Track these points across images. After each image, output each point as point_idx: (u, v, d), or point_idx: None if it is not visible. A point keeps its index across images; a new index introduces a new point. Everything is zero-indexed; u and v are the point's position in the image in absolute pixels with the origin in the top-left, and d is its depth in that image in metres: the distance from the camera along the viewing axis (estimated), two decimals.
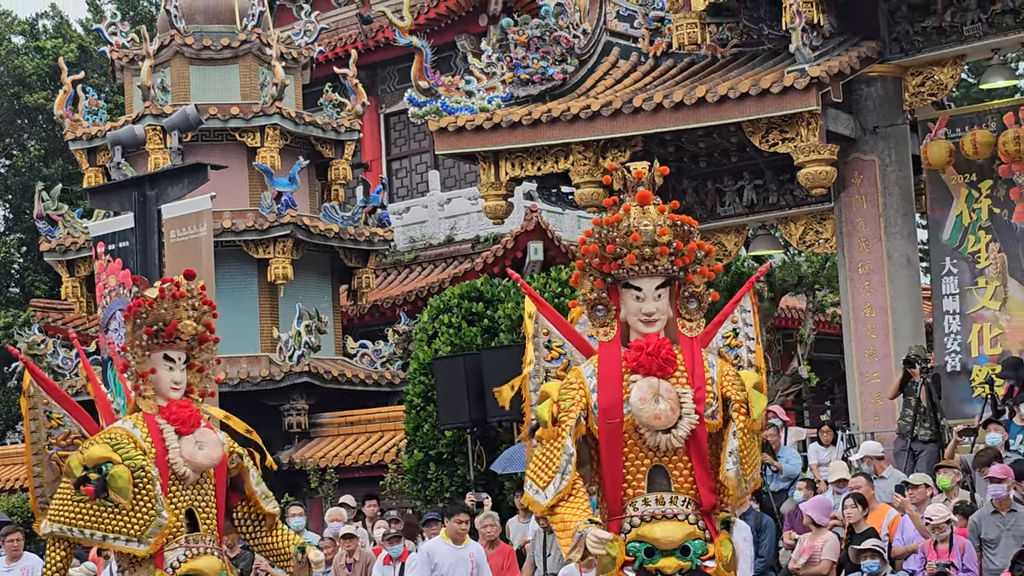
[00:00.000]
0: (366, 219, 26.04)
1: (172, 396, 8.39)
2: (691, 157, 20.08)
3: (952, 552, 12.44)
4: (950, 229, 18.55)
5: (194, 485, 8.34)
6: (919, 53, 18.23)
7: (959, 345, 18.37)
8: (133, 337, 8.40)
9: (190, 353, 8.50)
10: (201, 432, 8.36)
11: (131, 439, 8.20)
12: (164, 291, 8.38)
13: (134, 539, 8.09)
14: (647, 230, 7.29)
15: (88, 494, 8.14)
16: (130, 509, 8.07)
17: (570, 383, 7.33)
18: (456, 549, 12.62)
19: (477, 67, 19.95)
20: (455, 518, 12.71)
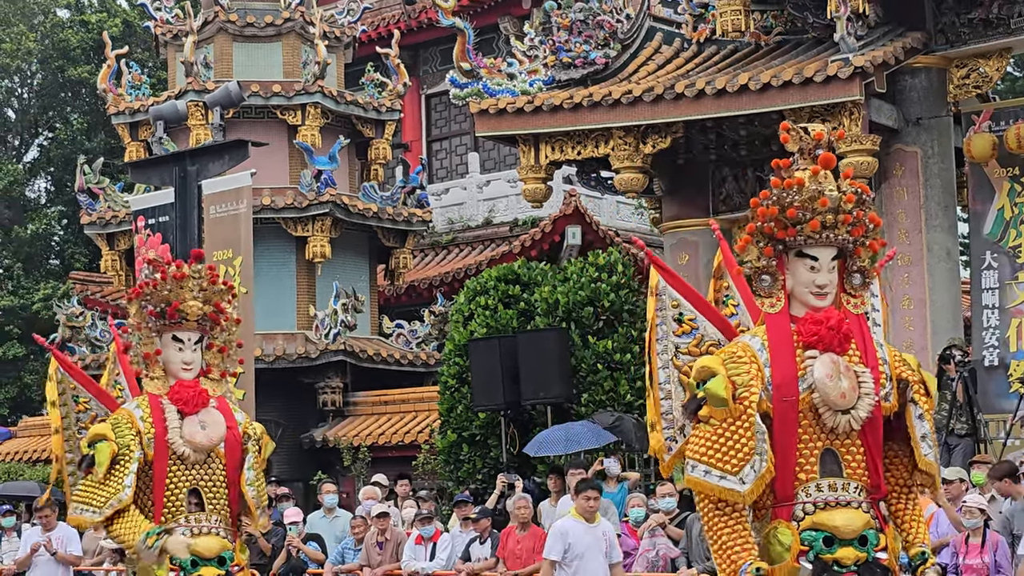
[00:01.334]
0: (405, 199, 26.06)
1: (183, 376, 8.40)
2: (732, 145, 20.01)
3: (985, 547, 12.40)
4: (991, 223, 18.45)
5: (199, 465, 8.33)
6: (965, 45, 18.11)
7: (997, 340, 18.27)
8: (139, 319, 8.44)
9: (207, 333, 8.50)
10: (206, 412, 8.37)
11: (130, 420, 8.27)
12: (166, 272, 8.39)
13: (93, 510, 8.20)
14: (833, 195, 6.71)
15: (85, 473, 8.32)
16: (100, 481, 8.16)
17: (739, 356, 6.70)
18: (590, 527, 12.02)
19: (519, 50, 19.93)
20: (584, 495, 12.02)
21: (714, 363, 6.68)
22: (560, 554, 11.81)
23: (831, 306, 6.74)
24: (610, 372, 18.71)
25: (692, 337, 7.22)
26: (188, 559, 8.12)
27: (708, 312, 7.28)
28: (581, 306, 18.91)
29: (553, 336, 18.59)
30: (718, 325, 7.22)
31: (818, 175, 6.76)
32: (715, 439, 6.60)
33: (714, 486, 6.59)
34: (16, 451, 28.53)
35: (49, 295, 32.69)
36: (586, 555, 11.80)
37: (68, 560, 16.10)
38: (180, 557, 8.10)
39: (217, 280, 8.52)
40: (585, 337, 18.87)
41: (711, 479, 6.59)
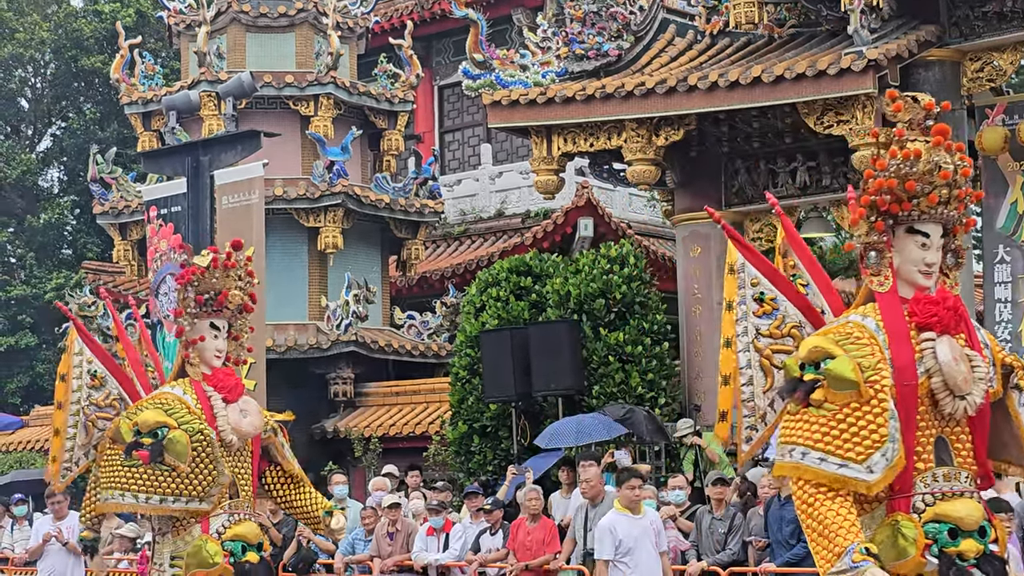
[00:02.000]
0: (417, 191, 26.06)
1: (215, 364, 8.50)
2: (744, 137, 19.98)
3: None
4: (1004, 216, 18.41)
5: (235, 453, 8.42)
6: (979, 38, 18.06)
7: (1010, 334, 18.23)
8: (183, 304, 8.48)
9: (231, 322, 8.62)
10: (244, 400, 8.50)
11: (183, 404, 8.25)
12: (217, 260, 8.50)
13: (195, 499, 8.14)
14: (951, 168, 6.46)
15: (142, 459, 8.12)
16: (190, 472, 8.09)
17: (857, 337, 6.34)
18: (637, 519, 11.60)
19: (532, 41, 19.92)
20: (627, 484, 11.51)
21: (828, 343, 6.29)
22: (611, 552, 11.31)
23: (939, 286, 6.43)
24: (621, 364, 18.71)
25: (773, 318, 6.91)
26: (239, 544, 8.27)
27: (790, 292, 6.97)
28: (593, 298, 18.90)
29: (564, 328, 18.59)
30: (799, 305, 6.94)
31: (936, 147, 6.50)
32: (835, 424, 6.14)
33: (832, 474, 6.12)
34: (28, 440, 28.60)
35: (61, 285, 32.75)
36: (636, 548, 11.34)
37: (79, 549, 16.14)
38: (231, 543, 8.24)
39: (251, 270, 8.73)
40: (596, 329, 18.87)
41: (828, 467, 6.11)
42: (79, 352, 9.02)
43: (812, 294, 6.98)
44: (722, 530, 13.75)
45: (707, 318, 20.14)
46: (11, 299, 33.78)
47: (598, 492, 14.37)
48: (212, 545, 8.23)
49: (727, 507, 14.01)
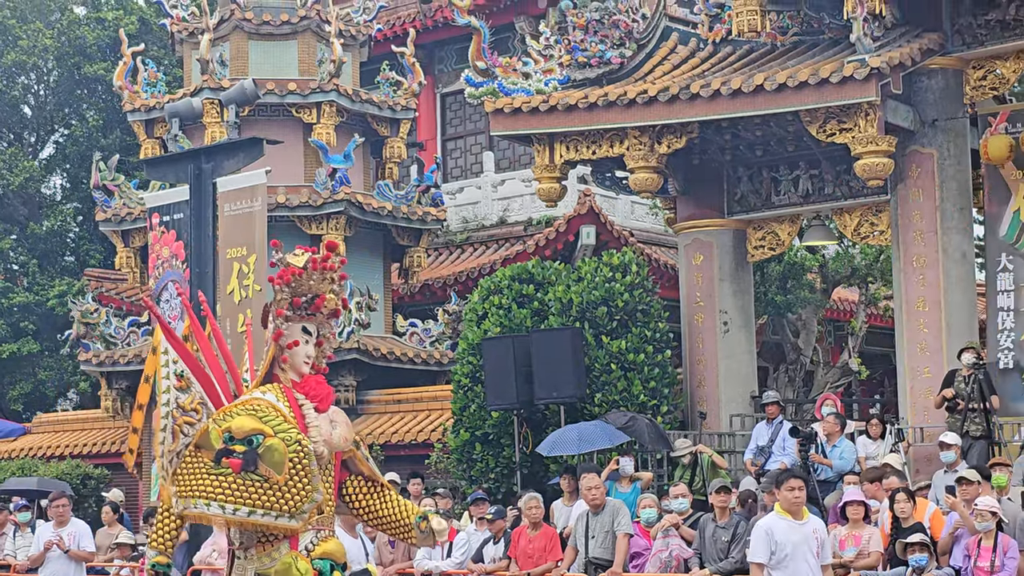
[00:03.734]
0: (419, 198, 26.06)
1: (304, 370, 8.11)
2: (747, 145, 19.98)
3: (996, 550, 12.39)
4: (1007, 225, 18.41)
5: (324, 465, 7.95)
6: (982, 46, 18.06)
7: (1012, 342, 18.22)
8: (277, 307, 8.08)
9: (319, 327, 8.24)
10: (334, 411, 8.11)
11: (278, 412, 7.77)
12: (315, 262, 8.11)
13: (285, 514, 7.60)
14: None
15: (233, 467, 7.61)
16: (284, 484, 7.57)
17: None
18: (798, 525, 10.48)
19: (535, 49, 19.92)
20: (787, 485, 10.51)
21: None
22: (766, 556, 10.43)
23: None
24: (623, 372, 18.69)
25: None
26: (327, 563, 7.89)
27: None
28: (595, 306, 18.89)
29: (567, 336, 18.57)
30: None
31: None
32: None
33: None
34: (31, 447, 28.59)
35: (64, 292, 32.73)
36: (795, 555, 10.36)
37: (81, 556, 16.13)
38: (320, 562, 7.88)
39: (344, 275, 8.35)
40: (599, 337, 18.86)
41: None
42: (165, 351, 8.66)
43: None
44: (725, 538, 13.73)
45: (709, 326, 20.14)
46: (14, 306, 33.74)
47: (603, 501, 14.37)
48: (303, 563, 7.82)
49: (731, 515, 14.00)
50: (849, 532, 13.31)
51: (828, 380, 26.04)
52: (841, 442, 16.15)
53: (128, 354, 25.24)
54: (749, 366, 20.60)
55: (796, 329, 25.60)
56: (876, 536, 13.18)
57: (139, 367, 23.91)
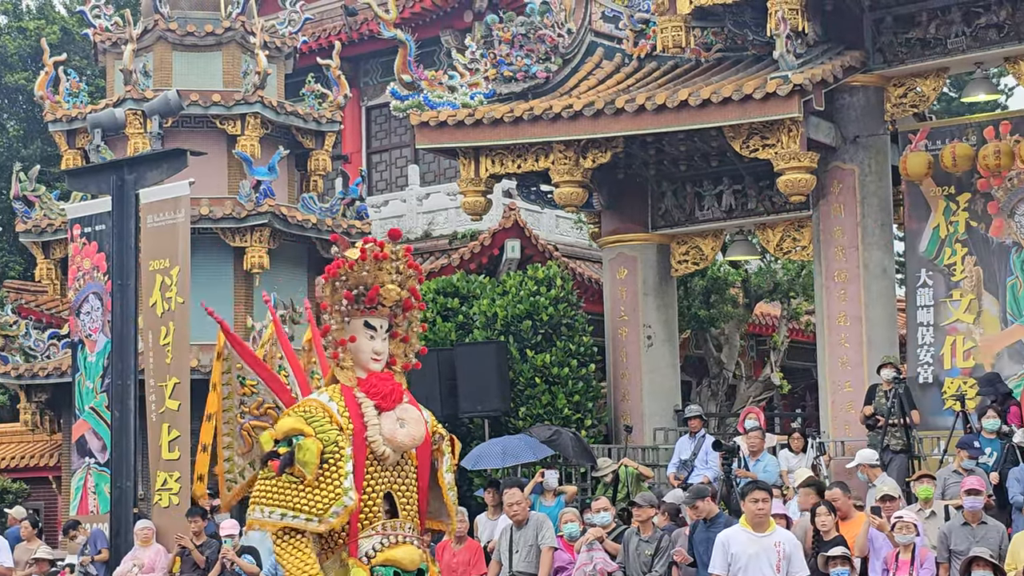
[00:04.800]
0: (344, 211, 25.96)
1: (372, 367, 7.63)
2: (671, 160, 20.10)
3: (914, 564, 12.49)
4: (927, 241, 18.61)
5: (394, 466, 7.55)
6: (902, 64, 18.29)
7: (932, 357, 18.41)
8: (331, 301, 7.65)
9: (393, 321, 7.72)
10: (403, 408, 7.59)
11: (326, 412, 7.44)
12: (366, 252, 7.61)
13: (313, 518, 7.31)
14: None
15: (273, 469, 7.38)
16: (314, 485, 7.31)
17: None
18: (758, 537, 10.33)
19: (461, 63, 19.93)
20: (750, 496, 10.34)
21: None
22: (723, 568, 10.36)
23: None
24: (548, 386, 18.72)
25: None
26: (390, 570, 7.42)
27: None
28: (520, 320, 18.91)
29: (491, 349, 18.57)
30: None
31: None
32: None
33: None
34: None
35: None
36: (750, 567, 10.21)
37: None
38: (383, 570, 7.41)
39: (414, 263, 7.79)
40: (523, 351, 18.87)
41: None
42: (227, 358, 8.28)
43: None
44: (649, 552, 13.77)
45: (633, 340, 20.21)
46: None
47: (526, 515, 14.37)
48: (359, 571, 7.38)
49: (654, 529, 14.04)
50: None
51: (750, 394, 26.20)
52: (764, 456, 16.25)
53: (48, 367, 24.93)
54: (672, 380, 20.70)
55: (719, 343, 25.74)
56: None
57: (60, 379, 23.65)
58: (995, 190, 18.13)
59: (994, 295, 18.12)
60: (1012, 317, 17.97)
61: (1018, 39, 17.54)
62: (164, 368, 17.36)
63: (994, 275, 18.12)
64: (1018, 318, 17.93)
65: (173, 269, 17.36)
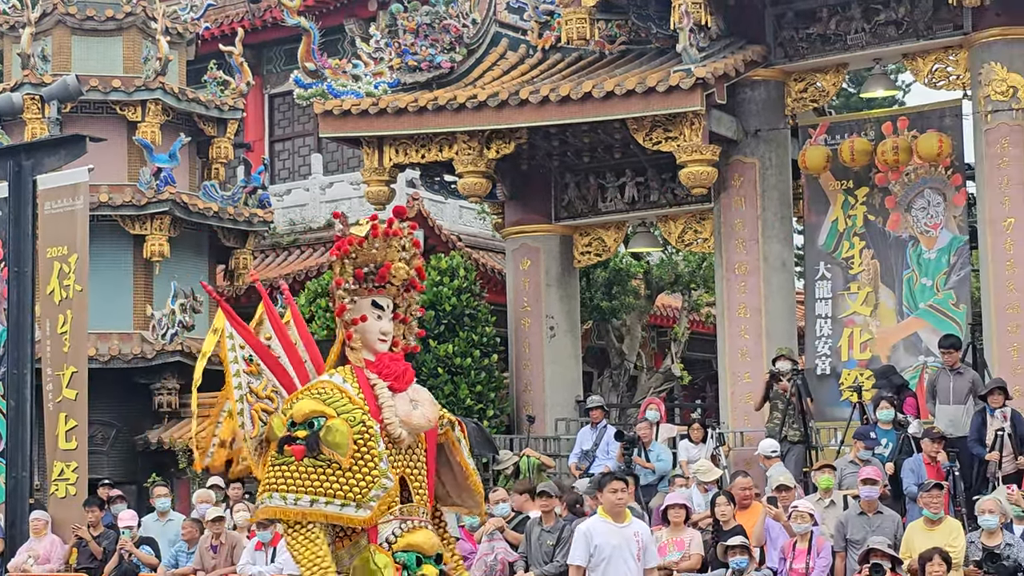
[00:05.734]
0: (246, 199, 25.77)
1: (379, 348, 7.34)
2: (575, 152, 20.17)
3: (811, 552, 12.66)
4: (825, 234, 18.84)
5: (407, 450, 7.26)
6: (803, 59, 18.49)
7: (829, 349, 18.65)
8: (336, 278, 7.40)
9: (395, 301, 7.48)
10: (415, 389, 7.36)
11: (343, 393, 7.15)
12: (377, 228, 7.35)
13: (351, 503, 6.97)
14: None
15: (296, 454, 7.02)
16: (349, 467, 6.97)
17: None
18: (618, 528, 10.24)
19: (365, 52, 19.86)
20: (609, 487, 10.29)
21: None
22: (584, 559, 10.26)
23: None
24: (450, 376, 18.73)
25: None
26: (412, 556, 7.13)
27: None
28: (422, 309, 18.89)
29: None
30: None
31: None
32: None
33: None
34: None
35: None
36: (613, 557, 10.16)
37: None
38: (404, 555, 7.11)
39: (417, 241, 7.54)
40: (426, 341, 18.86)
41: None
42: (230, 336, 7.88)
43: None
44: (550, 542, 13.81)
45: (536, 331, 20.27)
46: None
47: None
48: (381, 557, 7.11)
49: (556, 519, 14.09)
50: (671, 535, 13.49)
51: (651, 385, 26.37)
52: (654, 446, 16.38)
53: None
54: (574, 371, 20.79)
55: (620, 334, 25.88)
56: (697, 539, 13.38)
57: None
58: (892, 185, 18.39)
59: (891, 288, 18.38)
60: (908, 310, 18.25)
61: (916, 36, 17.81)
62: (61, 357, 17.15)
63: (891, 268, 18.38)
64: (914, 311, 18.21)
65: (71, 256, 17.14)
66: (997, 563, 11.66)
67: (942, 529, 12.37)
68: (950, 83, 17.89)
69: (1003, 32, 17.16)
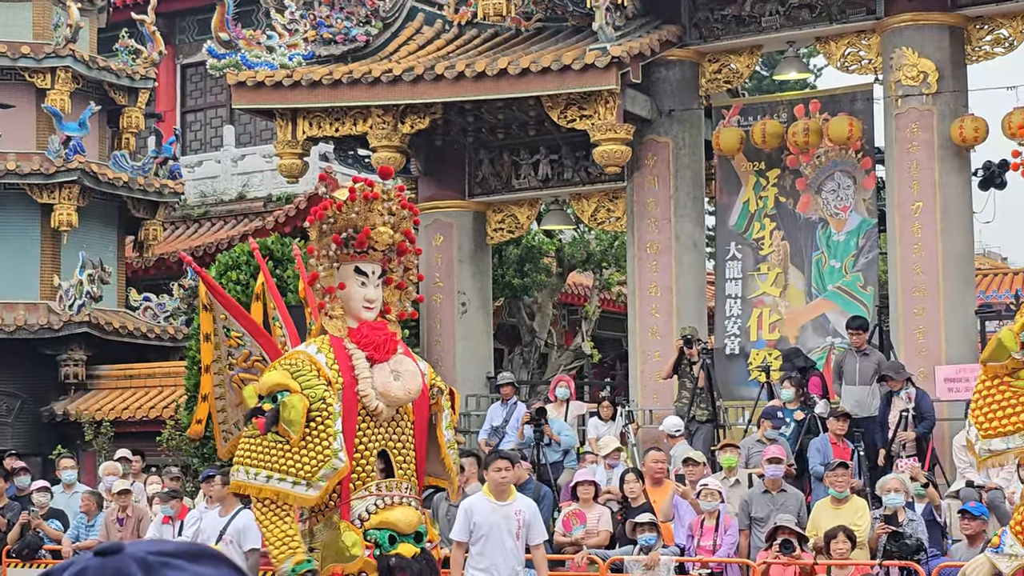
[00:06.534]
0: (157, 170, 25.52)
1: (364, 316, 7.06)
2: (489, 128, 20.16)
3: (719, 530, 12.78)
4: (737, 215, 18.99)
5: (388, 422, 6.98)
6: (717, 40, 18.59)
7: (739, 329, 18.81)
8: (319, 246, 7.07)
9: (386, 266, 7.16)
10: (398, 360, 7.01)
11: (314, 365, 6.87)
12: (355, 192, 7.01)
13: (301, 482, 6.70)
14: None
15: (259, 427, 6.78)
16: (300, 446, 6.69)
17: None
18: (499, 506, 10.27)
19: (280, 23, 19.71)
20: (493, 466, 10.37)
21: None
22: (465, 535, 10.31)
23: None
24: None
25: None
26: (385, 534, 6.82)
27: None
28: None
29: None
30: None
31: None
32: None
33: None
34: None
35: None
36: (491, 535, 10.22)
37: None
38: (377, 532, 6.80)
39: (408, 203, 7.20)
40: None
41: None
42: (211, 307, 7.73)
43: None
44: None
45: (448, 307, 20.27)
46: None
47: None
48: (351, 535, 6.81)
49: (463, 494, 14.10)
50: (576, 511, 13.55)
51: (562, 362, 26.48)
52: (555, 422, 16.37)
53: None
54: (486, 347, 20.81)
55: (532, 312, 25.96)
56: (606, 515, 13.46)
57: None
58: (803, 167, 18.56)
59: (800, 269, 18.57)
60: (816, 291, 18.44)
61: (829, 20, 17.96)
62: None
63: (800, 250, 18.56)
64: (822, 292, 18.40)
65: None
66: (900, 542, 11.83)
67: (847, 508, 12.54)
68: (862, 67, 18.07)
69: (914, 18, 17.35)
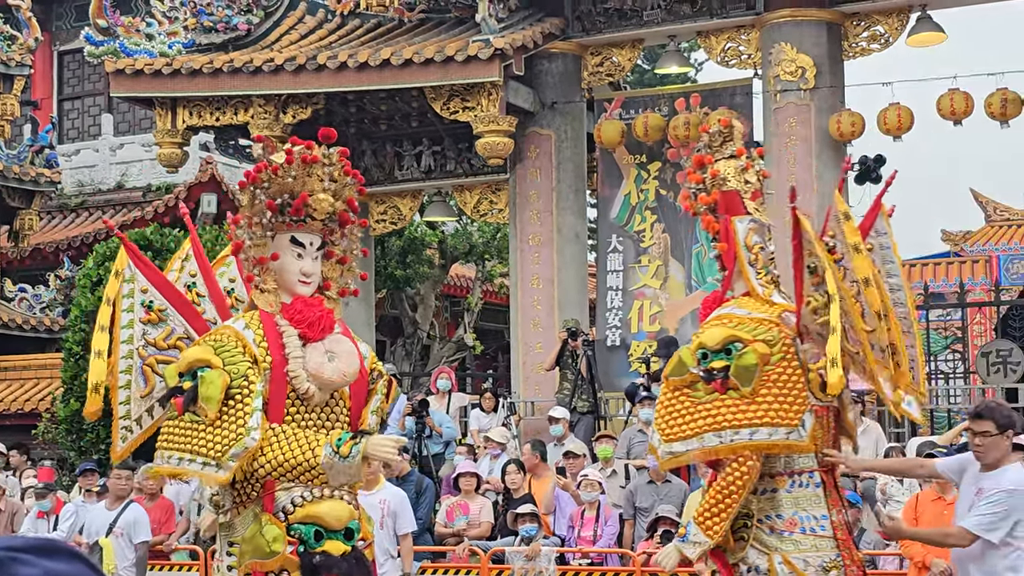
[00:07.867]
0: (33, 159, 25.13)
1: (300, 291, 6.47)
2: (372, 119, 20.10)
3: (599, 520, 12.87)
4: (618, 207, 19.12)
5: (322, 407, 6.41)
6: (600, 33, 18.69)
7: (620, 320, 18.94)
8: (250, 212, 6.45)
9: (327, 238, 6.57)
10: (334, 339, 6.45)
11: (240, 341, 6.27)
12: (292, 154, 6.45)
13: (211, 462, 6.08)
14: None
15: (176, 407, 6.21)
16: (215, 425, 6.10)
17: None
18: (365, 496, 9.29)
19: (159, 10, 19.48)
20: None
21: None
22: None
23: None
24: None
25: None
26: (311, 529, 6.19)
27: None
28: None
29: None
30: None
31: None
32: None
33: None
34: None
35: None
36: None
37: None
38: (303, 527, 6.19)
39: (352, 170, 6.61)
40: None
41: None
42: (130, 279, 6.88)
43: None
44: None
45: None
46: None
47: None
48: (272, 528, 6.19)
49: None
50: (460, 503, 13.59)
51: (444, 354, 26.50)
52: (435, 414, 16.39)
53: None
54: (367, 338, 20.73)
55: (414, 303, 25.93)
56: (487, 507, 13.50)
57: None
58: (684, 160, 18.64)
59: (680, 262, 18.74)
60: (696, 283, 18.62)
61: (710, 14, 18.14)
62: None
63: (681, 242, 18.73)
64: (702, 284, 18.58)
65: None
66: None
67: None
68: (742, 62, 18.27)
69: (793, 14, 17.58)
